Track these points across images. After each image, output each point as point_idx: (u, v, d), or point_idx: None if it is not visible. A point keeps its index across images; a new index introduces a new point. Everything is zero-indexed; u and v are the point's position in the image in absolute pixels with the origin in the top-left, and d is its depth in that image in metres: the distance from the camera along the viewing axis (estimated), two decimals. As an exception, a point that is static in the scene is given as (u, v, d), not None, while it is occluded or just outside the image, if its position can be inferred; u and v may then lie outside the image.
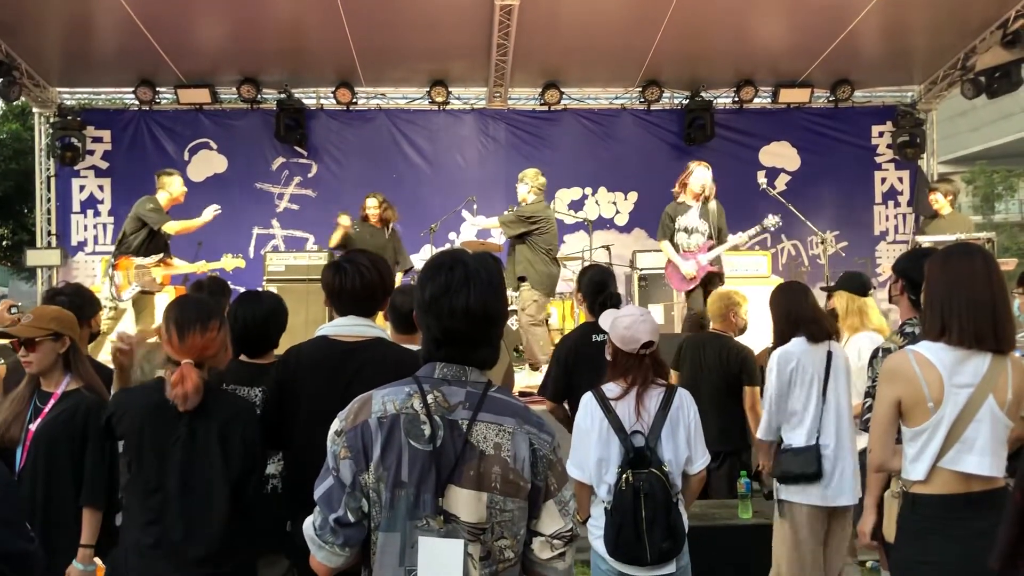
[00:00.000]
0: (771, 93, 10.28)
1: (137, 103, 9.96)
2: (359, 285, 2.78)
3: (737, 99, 10.24)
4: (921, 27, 8.97)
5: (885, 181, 10.56)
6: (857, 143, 10.46)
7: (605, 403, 3.08)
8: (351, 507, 1.79)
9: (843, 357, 3.88)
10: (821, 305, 4.30)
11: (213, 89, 9.90)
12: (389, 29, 8.65)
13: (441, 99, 10.06)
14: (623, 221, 10.40)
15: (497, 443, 1.79)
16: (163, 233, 7.14)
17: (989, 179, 26.14)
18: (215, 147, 10.12)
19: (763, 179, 9.93)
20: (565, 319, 8.49)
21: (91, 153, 9.99)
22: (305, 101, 10.13)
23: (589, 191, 10.39)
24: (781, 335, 3.93)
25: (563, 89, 10.13)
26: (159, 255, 7.15)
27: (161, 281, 7.44)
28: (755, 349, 5.11)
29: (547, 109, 10.29)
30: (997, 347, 2.44)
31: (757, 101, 10.35)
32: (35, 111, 10.27)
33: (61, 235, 10.03)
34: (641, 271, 9.02)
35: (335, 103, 10.11)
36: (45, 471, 2.93)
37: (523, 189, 7.14)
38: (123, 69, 9.60)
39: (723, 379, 4.85)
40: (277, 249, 9.80)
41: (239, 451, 2.59)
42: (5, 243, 19.41)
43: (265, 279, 8.43)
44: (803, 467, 3.67)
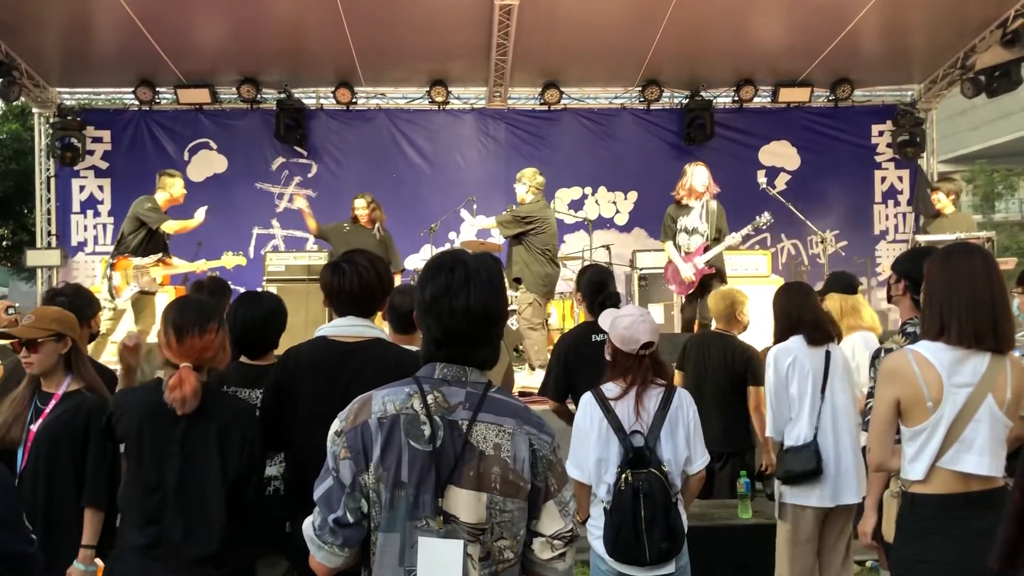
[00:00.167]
0: (771, 92, 10.28)
1: (137, 103, 9.96)
2: (357, 285, 2.77)
3: (737, 98, 10.24)
4: (921, 26, 8.97)
5: (885, 180, 10.56)
6: (857, 142, 10.46)
7: (604, 403, 3.07)
8: (350, 507, 1.79)
9: (842, 358, 3.87)
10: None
11: (213, 89, 9.90)
12: (389, 29, 8.65)
13: (441, 99, 10.06)
14: (623, 221, 10.40)
15: (497, 443, 1.79)
16: (161, 233, 7.11)
17: (989, 178, 26.13)
18: (215, 147, 10.12)
19: (763, 178, 9.93)
20: (565, 319, 8.49)
21: (91, 153, 9.99)
22: (305, 101, 10.13)
23: (589, 191, 10.39)
24: (781, 336, 3.92)
25: (563, 89, 10.12)
26: (158, 255, 7.11)
27: (161, 281, 7.42)
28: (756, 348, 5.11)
29: (547, 109, 10.28)
30: (996, 347, 2.44)
31: (757, 100, 10.35)
32: (35, 111, 10.26)
33: (61, 235, 10.03)
34: (641, 271, 9.01)
35: (335, 103, 10.11)
36: (47, 472, 2.93)
37: (521, 189, 7.12)
38: (123, 69, 9.60)
39: (728, 379, 4.82)
40: (277, 249, 9.80)
41: (238, 453, 2.59)
42: (5, 243, 19.40)
43: (265, 279, 8.43)
44: (803, 465, 3.66)
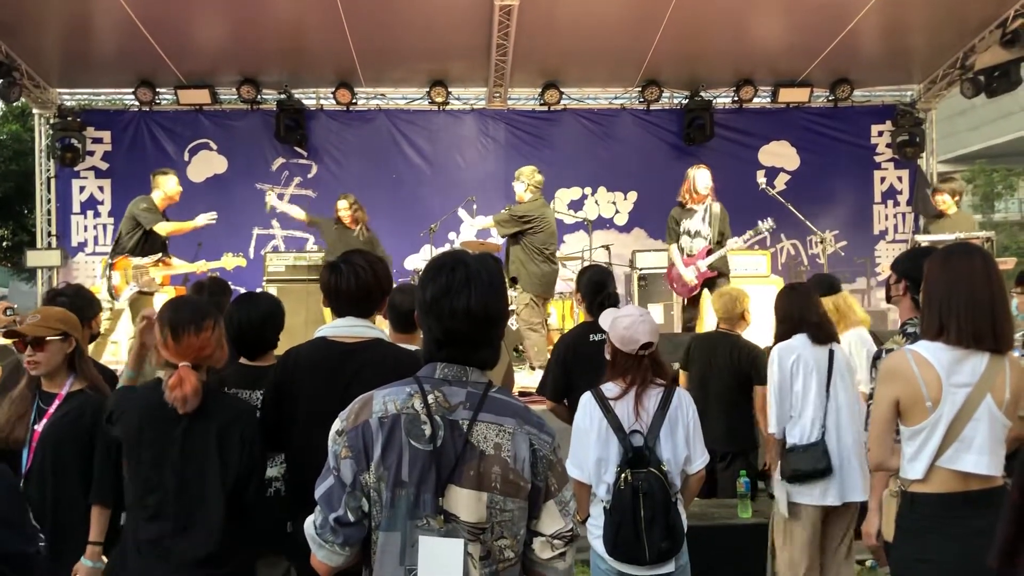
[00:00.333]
0: (770, 93, 10.28)
1: (137, 104, 9.96)
2: (355, 286, 2.78)
3: (736, 99, 10.25)
4: (920, 26, 8.97)
5: (884, 180, 10.56)
6: (856, 142, 10.47)
7: (604, 403, 3.08)
8: (351, 506, 1.79)
9: (844, 357, 3.87)
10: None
11: (213, 90, 9.90)
12: (389, 29, 8.66)
13: (441, 99, 10.06)
14: (623, 221, 10.40)
15: (497, 443, 1.80)
16: (157, 233, 7.05)
17: (989, 178, 26.12)
18: (215, 148, 10.12)
19: (762, 179, 9.99)
20: (565, 319, 8.49)
21: (91, 154, 9.99)
22: (305, 102, 10.13)
23: (589, 191, 10.39)
24: (783, 336, 3.91)
25: (563, 89, 10.13)
26: (157, 255, 7.08)
27: (161, 281, 7.41)
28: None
29: (547, 109, 10.29)
30: (995, 347, 2.44)
31: (756, 101, 10.35)
32: (35, 112, 10.26)
33: (61, 236, 10.03)
34: (641, 271, 9.02)
35: (335, 103, 10.11)
36: (54, 471, 2.93)
37: (519, 187, 7.09)
38: (123, 70, 9.60)
39: (734, 378, 4.81)
40: (277, 249, 9.79)
41: (238, 453, 2.59)
42: (5, 244, 19.42)
43: (265, 279, 8.43)
44: (812, 464, 3.65)
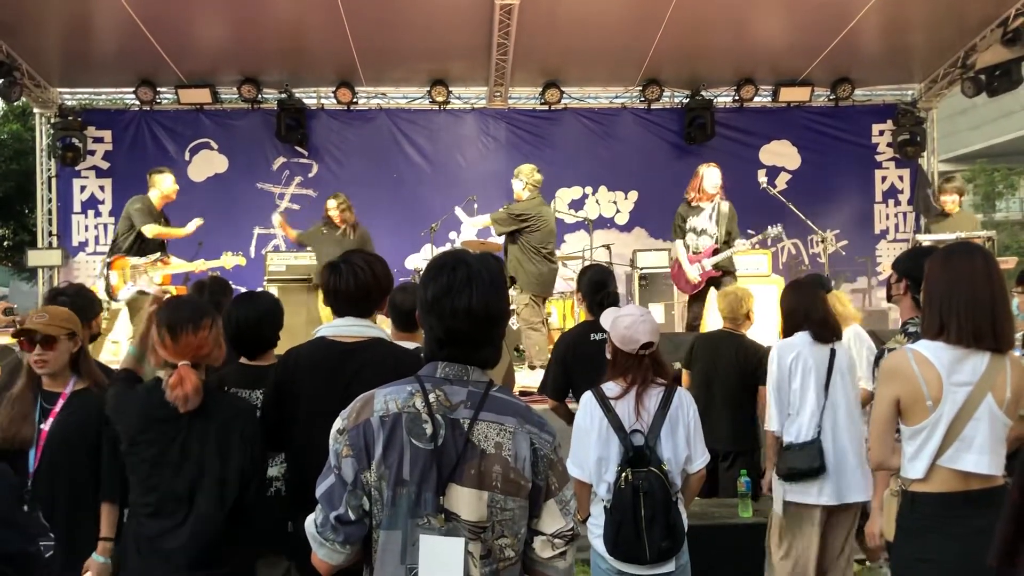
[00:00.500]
0: (771, 92, 10.27)
1: (138, 103, 9.97)
2: (353, 285, 2.77)
3: (737, 98, 10.24)
4: (921, 25, 8.96)
5: (885, 180, 10.56)
6: (857, 141, 10.46)
7: (605, 402, 3.08)
8: (352, 505, 1.80)
9: (846, 356, 3.85)
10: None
11: (214, 89, 9.90)
12: (389, 29, 8.66)
13: (441, 99, 10.06)
14: (623, 220, 10.40)
15: (498, 442, 1.80)
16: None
17: (990, 177, 26.10)
18: (216, 147, 10.12)
19: (763, 178, 9.98)
20: (565, 318, 8.48)
21: (92, 153, 9.99)
22: (306, 101, 10.13)
23: (589, 190, 10.39)
24: (788, 332, 3.91)
25: (563, 88, 10.13)
26: (155, 254, 7.03)
27: (162, 281, 7.39)
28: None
29: (547, 108, 10.28)
30: (996, 346, 2.44)
31: (757, 100, 10.35)
32: (36, 111, 10.26)
33: (62, 235, 10.03)
34: (641, 270, 9.01)
35: (336, 103, 10.11)
36: (64, 469, 2.92)
37: (518, 185, 7.06)
38: (124, 69, 9.60)
39: (738, 378, 4.79)
40: (278, 249, 9.79)
41: (239, 452, 2.60)
42: (6, 243, 19.43)
43: (266, 279, 8.45)
44: (808, 462, 3.65)
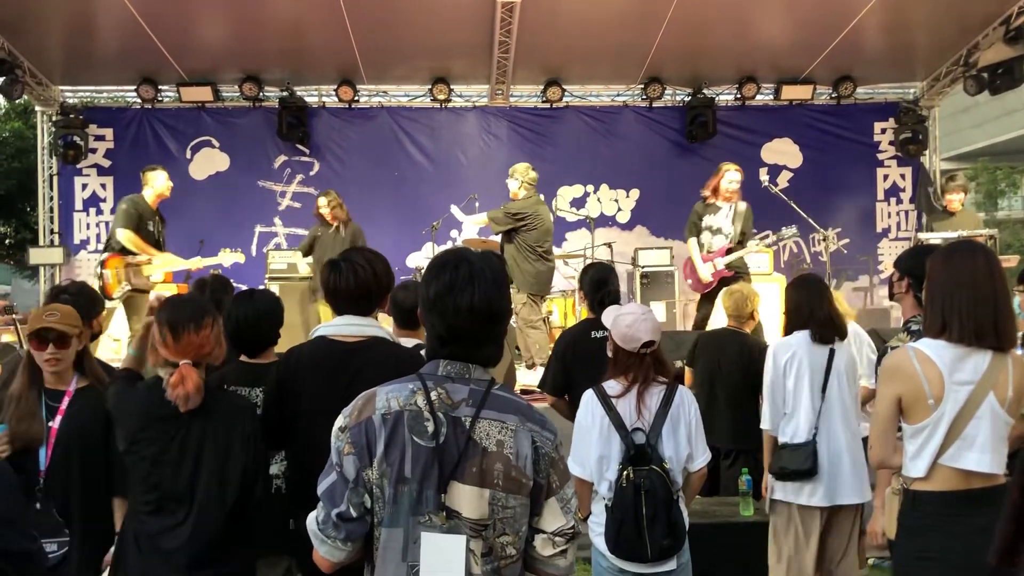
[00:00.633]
0: (773, 90, 10.26)
1: (139, 101, 9.96)
2: (353, 284, 2.76)
3: (739, 96, 10.23)
4: (923, 23, 8.95)
5: (887, 178, 10.54)
6: (859, 140, 10.45)
7: (606, 400, 3.08)
8: (354, 502, 1.80)
9: (846, 357, 3.80)
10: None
11: (215, 87, 9.89)
12: (391, 27, 8.65)
13: (443, 97, 10.05)
14: (625, 218, 10.39)
15: (500, 440, 1.80)
16: (150, 231, 6.88)
17: (992, 176, 26.06)
18: (217, 145, 10.11)
19: (765, 176, 9.97)
20: (567, 316, 8.49)
21: (93, 151, 9.98)
22: (307, 99, 10.11)
23: (591, 188, 10.38)
24: (789, 329, 3.86)
25: (565, 86, 10.12)
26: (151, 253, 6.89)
27: (163, 279, 7.36)
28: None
29: (549, 106, 10.27)
30: (998, 344, 2.44)
31: (759, 98, 10.33)
32: (38, 109, 10.26)
33: (64, 233, 10.03)
34: (643, 268, 9.01)
35: (337, 101, 10.09)
36: (78, 466, 2.91)
37: (513, 184, 7.01)
38: (125, 67, 9.60)
39: (742, 377, 4.76)
40: (279, 247, 9.80)
41: (241, 449, 2.60)
42: (8, 241, 19.47)
43: (267, 277, 8.46)
44: (799, 463, 3.62)
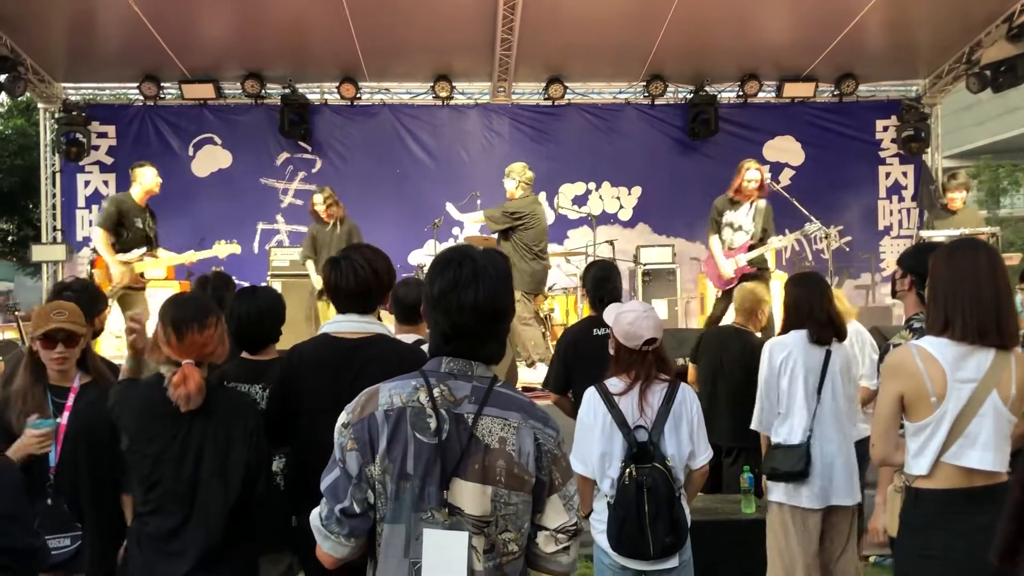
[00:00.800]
0: (775, 87, 10.25)
1: (142, 98, 9.97)
2: (353, 282, 2.77)
3: (741, 93, 10.23)
4: (926, 21, 8.94)
5: (889, 176, 10.53)
6: (861, 137, 10.44)
7: (608, 398, 3.08)
8: (357, 498, 1.80)
9: (842, 358, 3.74)
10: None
11: (217, 84, 9.90)
12: (393, 24, 8.65)
13: (445, 94, 10.05)
14: (627, 216, 10.38)
15: (502, 437, 1.80)
16: (137, 228, 6.76)
17: (994, 173, 25.99)
18: (219, 142, 10.13)
19: (767, 174, 9.95)
20: (568, 314, 8.49)
21: (96, 148, 10.00)
22: (309, 96, 10.12)
23: (593, 186, 10.37)
24: (787, 327, 3.81)
25: (567, 84, 10.11)
26: (141, 249, 6.79)
27: (166, 275, 7.34)
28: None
29: (551, 104, 10.27)
30: (1001, 342, 2.44)
31: (761, 95, 10.33)
32: (40, 106, 10.28)
33: (66, 231, 10.05)
34: (645, 266, 9.00)
35: (339, 98, 10.10)
36: (86, 462, 2.92)
37: (510, 184, 6.98)
38: (128, 64, 9.61)
39: (744, 374, 4.70)
40: (282, 244, 9.81)
41: (244, 445, 2.60)
42: (10, 239, 19.50)
43: (270, 274, 8.47)
44: (791, 465, 3.58)
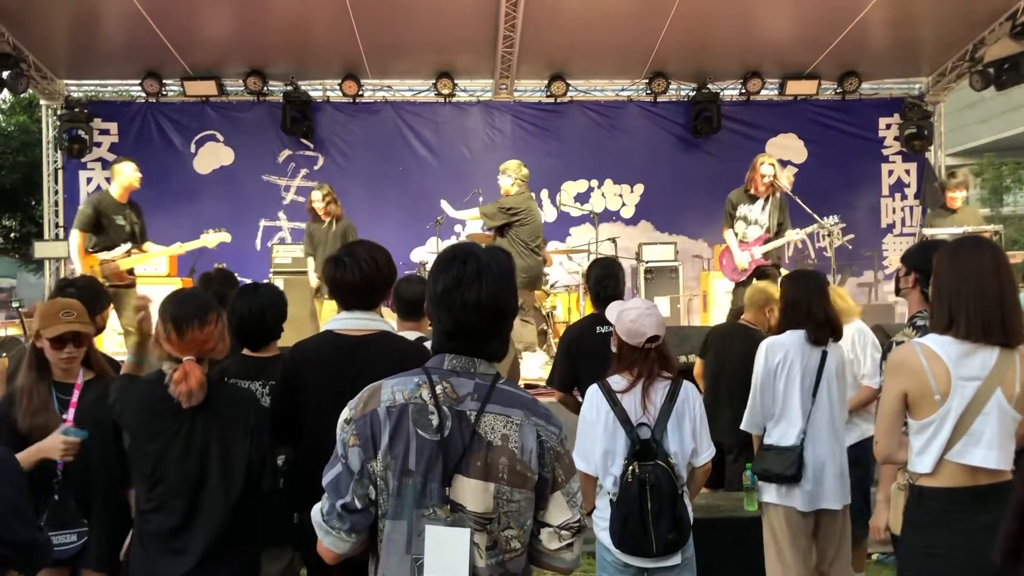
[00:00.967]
0: (778, 85, 10.25)
1: (144, 95, 9.98)
2: (358, 279, 2.77)
3: (744, 91, 10.22)
4: (929, 18, 8.92)
5: (892, 174, 10.52)
6: (864, 135, 10.43)
7: (611, 395, 3.08)
8: (358, 494, 1.80)
9: (838, 359, 3.72)
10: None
11: (219, 81, 9.89)
12: (395, 21, 8.64)
13: (447, 91, 10.05)
14: (629, 213, 10.38)
15: (505, 434, 1.80)
16: (117, 225, 6.70)
17: (997, 171, 25.93)
18: (221, 139, 10.13)
19: (780, 169, 9.93)
20: (571, 312, 8.48)
21: (98, 145, 9.99)
22: (311, 93, 10.12)
23: (595, 183, 10.37)
24: (783, 326, 3.78)
25: (569, 81, 10.11)
26: (126, 246, 6.72)
27: (168, 272, 7.32)
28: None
29: (553, 101, 10.27)
30: (1005, 340, 2.43)
31: (764, 93, 10.32)
32: (42, 103, 10.29)
33: (68, 227, 10.04)
34: (647, 264, 9.00)
35: (341, 95, 10.11)
36: (95, 456, 2.91)
37: (506, 181, 6.94)
38: (130, 61, 9.60)
39: (748, 373, 4.67)
40: (284, 241, 9.82)
41: (244, 443, 2.60)
42: (13, 235, 19.52)
43: (272, 271, 8.47)
44: (783, 468, 3.57)
